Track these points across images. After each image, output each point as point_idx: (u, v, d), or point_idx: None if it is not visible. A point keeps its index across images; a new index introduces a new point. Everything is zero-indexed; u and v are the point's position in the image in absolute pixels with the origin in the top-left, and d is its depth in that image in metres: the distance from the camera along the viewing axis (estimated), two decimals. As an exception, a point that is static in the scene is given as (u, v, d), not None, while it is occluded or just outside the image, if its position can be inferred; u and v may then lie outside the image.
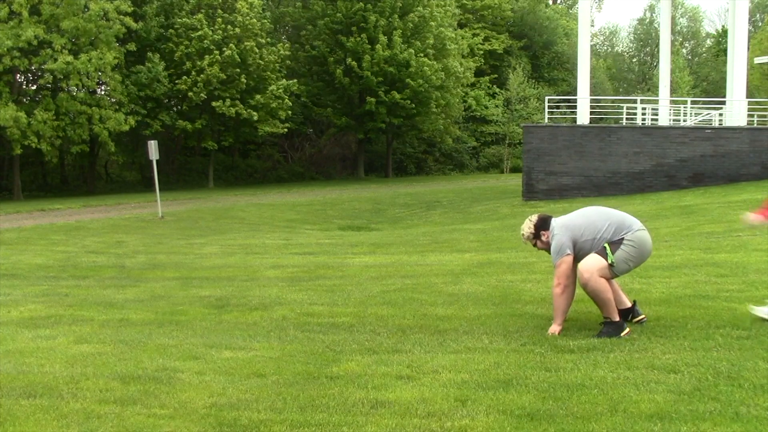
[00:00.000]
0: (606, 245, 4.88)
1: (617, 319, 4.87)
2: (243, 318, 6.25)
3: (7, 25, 27.44)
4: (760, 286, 6.19)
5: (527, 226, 5.24)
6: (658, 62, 38.74)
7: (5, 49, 27.01)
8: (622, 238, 4.88)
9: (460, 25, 49.02)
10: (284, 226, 20.17)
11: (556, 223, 5.14)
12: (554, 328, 5.01)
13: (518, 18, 55.16)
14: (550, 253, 5.16)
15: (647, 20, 66.95)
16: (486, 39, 52.08)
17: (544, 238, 5.16)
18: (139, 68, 33.17)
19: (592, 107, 25.78)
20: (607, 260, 4.83)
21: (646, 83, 62.49)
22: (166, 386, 4.16)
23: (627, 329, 4.88)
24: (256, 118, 34.79)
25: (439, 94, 40.28)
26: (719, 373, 3.89)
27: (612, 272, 4.89)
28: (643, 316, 5.19)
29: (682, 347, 4.47)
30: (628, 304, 5.21)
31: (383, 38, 37.82)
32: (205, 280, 8.81)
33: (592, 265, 4.83)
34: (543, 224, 5.19)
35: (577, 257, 5.00)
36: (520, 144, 34.77)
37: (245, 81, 34.30)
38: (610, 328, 4.86)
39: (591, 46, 32.00)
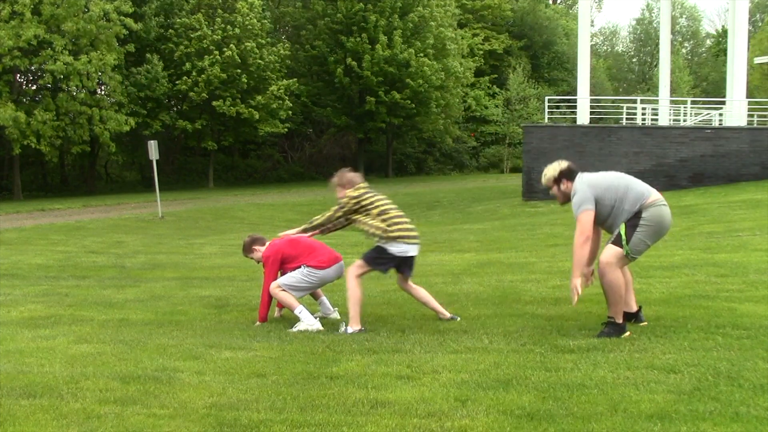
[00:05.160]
0: (621, 231, 4.86)
1: (620, 321, 4.85)
2: (243, 318, 6.25)
3: (8, 25, 27.44)
4: (760, 286, 6.19)
5: (553, 169, 5.14)
6: (658, 62, 38.72)
7: (6, 48, 27.02)
8: (639, 213, 4.83)
9: (460, 25, 49.01)
10: (284, 226, 20.07)
11: (581, 178, 5.06)
12: (576, 282, 4.83)
13: (518, 18, 55.16)
14: (561, 203, 5.16)
15: (647, 20, 66.96)
16: (486, 39, 52.09)
17: (563, 187, 5.09)
18: (138, 69, 33.18)
19: (592, 107, 25.78)
20: (622, 249, 4.84)
21: (646, 83, 62.49)
22: (166, 386, 4.16)
23: (628, 333, 4.86)
24: (257, 117, 34.81)
25: (439, 94, 40.29)
26: (719, 373, 3.89)
27: (630, 259, 4.89)
28: (645, 323, 5.17)
29: (682, 347, 4.47)
30: (634, 309, 5.19)
31: (383, 38, 37.82)
32: (205, 280, 8.81)
33: (611, 255, 4.83)
34: (569, 174, 5.09)
35: (596, 220, 4.94)
36: (520, 144, 34.77)
37: (246, 81, 34.31)
38: (611, 329, 4.85)
39: (591, 46, 31.99)
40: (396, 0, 38.60)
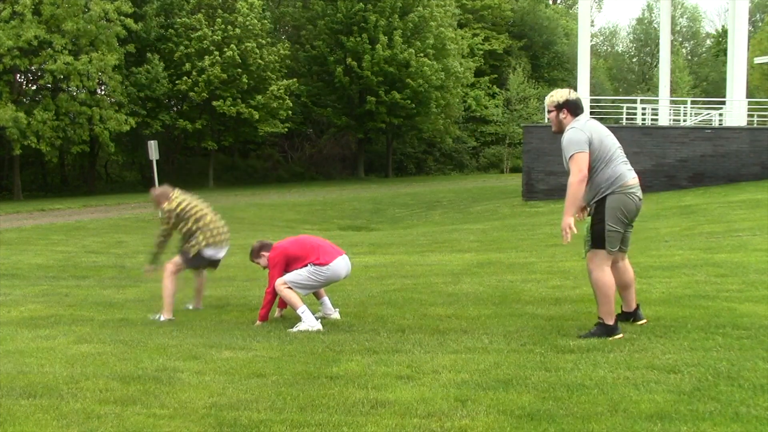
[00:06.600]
0: (588, 234, 4.82)
1: (611, 323, 4.79)
2: (243, 318, 6.25)
3: (8, 25, 27.44)
4: (760, 286, 6.18)
5: (561, 94, 4.95)
6: (658, 62, 38.73)
7: (5, 49, 27.02)
8: (604, 199, 4.72)
9: (460, 25, 49.02)
10: (284, 226, 20.17)
11: (584, 120, 4.89)
12: (569, 221, 4.67)
13: (518, 18, 55.16)
14: (554, 131, 5.03)
15: (647, 20, 66.97)
16: (486, 39, 52.08)
17: (562, 116, 4.91)
18: (138, 69, 33.19)
19: (592, 107, 25.77)
20: (605, 249, 4.76)
21: (646, 83, 62.47)
22: (166, 386, 4.16)
23: (620, 335, 4.76)
24: (257, 117, 34.81)
25: (439, 94, 40.29)
26: (719, 373, 3.89)
27: (610, 253, 4.79)
28: (644, 321, 5.15)
29: (682, 347, 4.47)
30: (633, 307, 5.16)
31: (383, 38, 37.83)
32: (205, 280, 8.80)
33: (595, 254, 4.79)
34: (574, 108, 4.90)
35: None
36: (520, 144, 34.76)
37: (246, 81, 34.32)
38: (599, 330, 4.80)
39: (591, 46, 32.00)
40: (396, 0, 38.60)
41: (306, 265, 5.72)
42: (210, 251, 6.34)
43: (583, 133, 4.77)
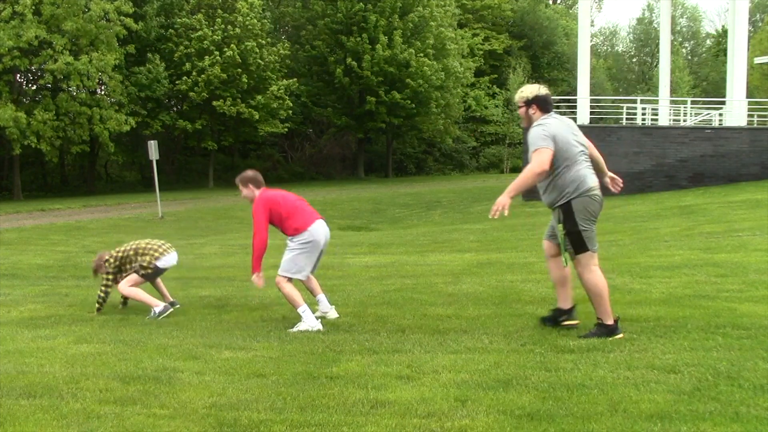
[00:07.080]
0: (563, 243, 4.81)
1: (610, 322, 4.79)
2: (243, 318, 6.25)
3: (9, 25, 27.44)
4: (760, 286, 6.18)
5: (531, 90, 4.99)
6: (658, 62, 38.72)
7: (6, 49, 27.02)
8: (569, 203, 4.71)
9: (460, 25, 49.02)
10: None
11: (552, 117, 4.90)
12: (506, 201, 4.59)
13: (518, 18, 55.17)
14: (525, 126, 5.07)
15: (647, 20, 66.99)
16: (486, 39, 52.10)
17: (531, 111, 4.94)
18: (139, 69, 33.20)
19: (592, 107, 25.77)
20: (590, 252, 4.76)
21: (646, 83, 62.46)
22: (166, 386, 4.16)
23: (620, 335, 4.76)
24: (257, 117, 34.81)
25: (439, 94, 40.28)
26: (719, 373, 3.89)
27: (594, 252, 4.79)
28: (576, 322, 5.09)
29: (682, 347, 4.47)
30: (569, 306, 5.12)
31: (383, 38, 37.82)
32: (205, 280, 8.81)
33: (580, 258, 4.80)
34: (544, 105, 4.93)
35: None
36: (520, 144, 34.77)
37: (246, 81, 34.32)
38: (598, 330, 4.81)
39: (591, 46, 32.00)
40: (396, 0, 38.60)
41: (286, 245, 5.75)
42: (162, 263, 6.69)
43: (549, 131, 4.79)
